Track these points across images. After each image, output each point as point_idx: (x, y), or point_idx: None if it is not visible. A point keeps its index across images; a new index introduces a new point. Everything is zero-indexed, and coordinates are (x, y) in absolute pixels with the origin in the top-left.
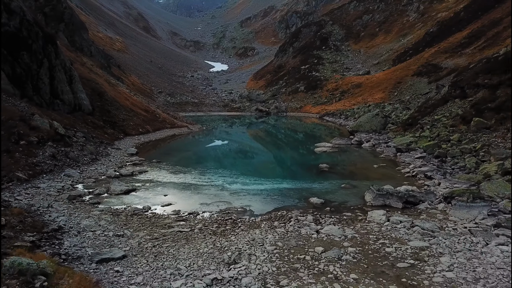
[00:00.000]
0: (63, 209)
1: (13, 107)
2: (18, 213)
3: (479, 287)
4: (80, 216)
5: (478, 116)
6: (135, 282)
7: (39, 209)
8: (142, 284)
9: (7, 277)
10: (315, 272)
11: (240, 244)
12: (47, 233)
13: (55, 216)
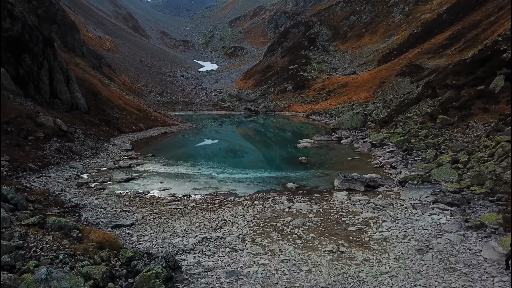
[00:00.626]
0: (75, 192)
1: (20, 106)
2: (41, 193)
3: (405, 241)
4: (91, 197)
5: (443, 114)
6: (143, 240)
7: (55, 192)
8: (148, 241)
9: (51, 231)
10: (283, 233)
11: (225, 216)
12: (68, 208)
13: (70, 197)
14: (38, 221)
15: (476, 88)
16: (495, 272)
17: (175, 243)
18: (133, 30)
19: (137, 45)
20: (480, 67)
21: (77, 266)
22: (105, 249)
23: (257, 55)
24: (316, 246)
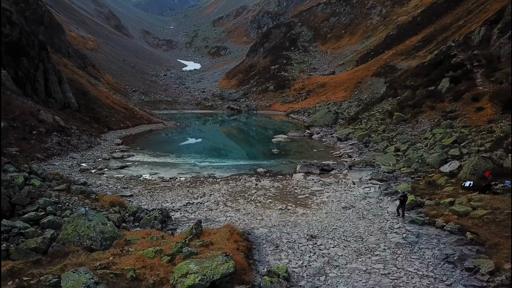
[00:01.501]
0: (80, 176)
1: (23, 104)
2: (55, 174)
3: (336, 203)
4: (94, 179)
5: (400, 111)
6: (141, 204)
7: (63, 175)
8: (146, 205)
9: (75, 194)
10: (248, 200)
11: (205, 190)
12: (78, 184)
13: (77, 178)
14: (66, 187)
15: (428, 88)
16: (390, 218)
17: (166, 206)
18: (116, 29)
19: (120, 45)
20: (434, 70)
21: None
22: (115, 206)
23: (240, 55)
24: (271, 206)
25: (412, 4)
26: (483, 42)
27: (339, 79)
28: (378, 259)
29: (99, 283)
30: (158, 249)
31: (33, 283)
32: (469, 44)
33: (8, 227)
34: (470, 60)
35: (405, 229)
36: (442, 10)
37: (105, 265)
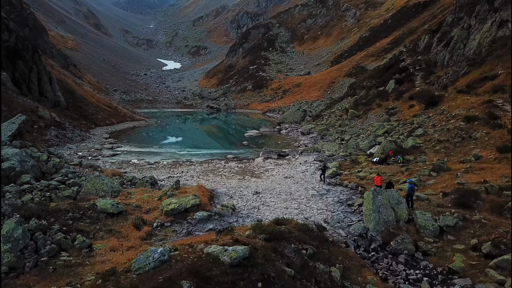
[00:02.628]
0: (80, 160)
1: (24, 102)
2: (60, 156)
3: (281, 175)
4: (92, 162)
5: (354, 109)
6: (134, 174)
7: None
8: (137, 174)
9: (86, 167)
10: (216, 174)
11: (183, 169)
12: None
13: (79, 161)
14: (78, 163)
15: (378, 89)
16: (315, 183)
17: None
18: (95, 28)
19: (99, 44)
20: (386, 72)
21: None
22: (116, 176)
23: (220, 54)
24: (232, 177)
25: (384, 8)
26: (426, 48)
27: (313, 79)
28: (296, 202)
29: (118, 205)
30: (150, 194)
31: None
32: (416, 50)
33: (47, 184)
34: (413, 65)
35: (322, 188)
36: (410, 14)
37: (117, 201)
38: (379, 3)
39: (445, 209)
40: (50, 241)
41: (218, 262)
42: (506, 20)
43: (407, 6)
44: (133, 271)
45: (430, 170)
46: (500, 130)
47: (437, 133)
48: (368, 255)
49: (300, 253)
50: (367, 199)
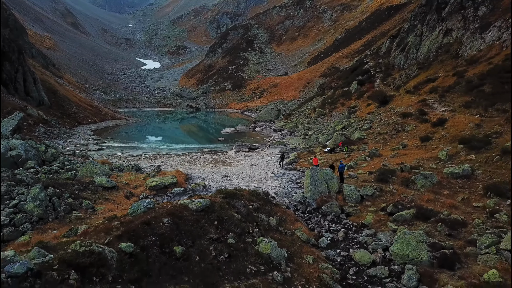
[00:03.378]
0: (69, 154)
1: (13, 101)
2: (55, 148)
3: (248, 164)
4: (84, 153)
5: (321, 108)
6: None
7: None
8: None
9: (78, 157)
10: (192, 164)
11: (163, 160)
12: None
13: (72, 152)
14: (72, 153)
15: (343, 89)
16: (275, 168)
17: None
18: (73, 27)
19: (77, 43)
20: (351, 74)
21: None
22: (105, 164)
23: (200, 54)
24: (206, 166)
25: (359, 10)
26: (387, 52)
27: (290, 80)
28: (256, 182)
29: (112, 181)
30: (136, 176)
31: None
32: (379, 54)
33: (49, 168)
34: (375, 67)
35: (279, 172)
36: (383, 17)
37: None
38: (354, 6)
39: (368, 183)
40: (63, 203)
41: (187, 209)
42: (451, 29)
43: (380, 9)
44: (129, 214)
45: (366, 156)
46: (425, 124)
47: (379, 127)
48: (303, 215)
49: (247, 206)
50: (307, 175)
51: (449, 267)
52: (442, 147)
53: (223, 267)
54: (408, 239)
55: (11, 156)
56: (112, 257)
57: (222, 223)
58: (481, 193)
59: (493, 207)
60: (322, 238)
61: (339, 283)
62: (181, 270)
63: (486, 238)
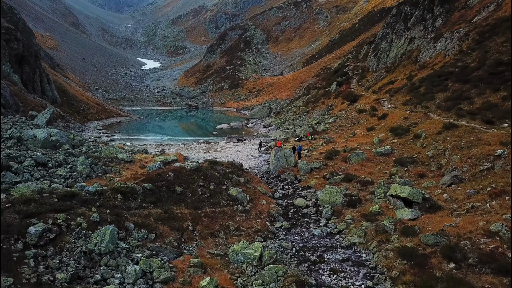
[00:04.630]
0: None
1: (35, 100)
2: (80, 136)
3: (235, 150)
4: (103, 140)
5: (305, 106)
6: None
7: None
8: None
9: (99, 143)
10: (189, 150)
11: (166, 148)
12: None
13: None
14: (94, 140)
15: (325, 89)
16: (256, 154)
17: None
18: (73, 26)
19: (78, 43)
20: (333, 76)
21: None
22: (121, 148)
23: (199, 54)
24: (200, 151)
25: (353, 12)
26: (364, 56)
27: (285, 80)
28: (237, 161)
29: (130, 156)
30: (146, 155)
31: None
32: (358, 57)
33: (80, 150)
34: (353, 70)
35: (257, 155)
36: (376, 19)
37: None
38: (349, 8)
39: (317, 160)
40: (99, 169)
41: (184, 168)
42: (414, 37)
43: (373, 12)
44: (147, 170)
45: (323, 142)
46: (374, 118)
47: (341, 121)
48: (267, 180)
49: (224, 170)
50: (272, 153)
51: (353, 206)
52: (378, 135)
53: (206, 200)
54: (330, 191)
55: (52, 140)
56: (139, 190)
57: (206, 177)
58: (391, 164)
59: (394, 172)
60: (276, 192)
61: (281, 216)
62: (180, 200)
63: (381, 189)
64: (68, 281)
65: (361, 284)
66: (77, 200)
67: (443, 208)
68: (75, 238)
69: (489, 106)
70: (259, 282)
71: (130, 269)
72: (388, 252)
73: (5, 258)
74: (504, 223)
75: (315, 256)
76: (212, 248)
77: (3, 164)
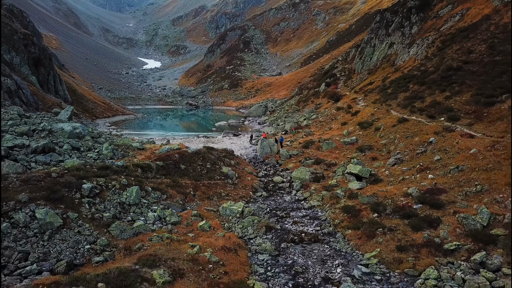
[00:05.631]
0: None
1: (51, 99)
2: (97, 129)
3: (230, 142)
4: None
5: (296, 105)
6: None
7: None
8: None
9: (113, 135)
10: (190, 142)
11: (170, 140)
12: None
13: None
14: (109, 132)
15: (315, 89)
16: (247, 145)
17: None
18: (75, 26)
19: (80, 43)
20: (323, 76)
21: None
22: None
23: (199, 54)
24: (199, 144)
25: (350, 13)
26: (352, 59)
27: (283, 80)
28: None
29: (142, 144)
30: (155, 144)
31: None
32: (347, 60)
33: (101, 140)
34: (341, 71)
35: (248, 146)
36: (371, 21)
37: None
38: (346, 9)
39: (296, 148)
40: (119, 154)
41: (187, 152)
42: (393, 43)
43: (369, 13)
44: (158, 153)
45: (303, 134)
46: (348, 114)
47: (322, 117)
48: (254, 164)
49: (219, 154)
50: (259, 143)
51: (317, 181)
52: (348, 128)
53: (203, 175)
54: (301, 170)
55: (76, 132)
56: (153, 166)
57: (204, 159)
58: (354, 151)
59: (354, 156)
60: (260, 172)
61: (262, 188)
62: (183, 174)
63: (341, 169)
64: (111, 218)
65: (313, 229)
66: (110, 170)
67: (383, 181)
68: (112, 194)
69: (434, 104)
70: (240, 226)
71: (150, 214)
72: (336, 209)
73: (70, 202)
74: (417, 187)
75: (283, 213)
76: (207, 206)
77: (49, 147)
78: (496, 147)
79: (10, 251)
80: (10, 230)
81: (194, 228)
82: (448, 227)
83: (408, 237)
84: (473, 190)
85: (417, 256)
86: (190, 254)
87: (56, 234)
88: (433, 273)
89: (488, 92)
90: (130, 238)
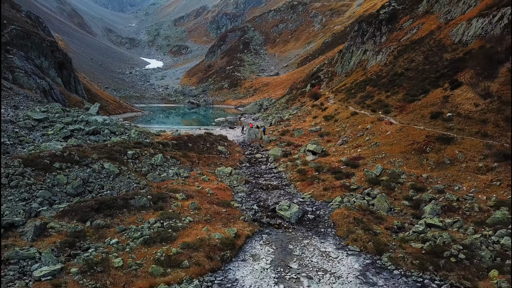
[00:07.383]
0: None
1: (75, 97)
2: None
3: (226, 132)
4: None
5: (286, 103)
6: None
7: None
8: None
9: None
10: (194, 132)
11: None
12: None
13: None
14: (129, 124)
15: (302, 89)
16: (240, 134)
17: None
18: (79, 27)
19: (84, 43)
20: (310, 78)
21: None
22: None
23: (201, 54)
24: (199, 132)
25: (346, 15)
26: (335, 63)
27: (279, 80)
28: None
29: (157, 132)
30: (166, 132)
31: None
32: (331, 63)
33: (129, 127)
34: (325, 74)
35: (240, 135)
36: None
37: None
38: (343, 11)
39: (275, 135)
40: (142, 137)
41: (193, 135)
42: (367, 50)
43: (363, 16)
44: (172, 135)
45: (283, 126)
46: (320, 110)
47: (299, 112)
48: (242, 146)
49: (216, 137)
50: (246, 130)
51: (286, 156)
52: (316, 120)
53: (205, 151)
54: (275, 149)
55: (106, 123)
56: (170, 143)
57: (205, 140)
58: (317, 136)
59: (316, 140)
60: (246, 151)
61: (246, 162)
62: (191, 149)
63: (303, 148)
64: (146, 171)
65: (276, 183)
66: (142, 145)
67: (330, 155)
68: (145, 158)
69: (378, 101)
70: (228, 180)
71: (170, 171)
72: (294, 172)
73: (121, 161)
74: (347, 156)
75: (259, 175)
76: (207, 169)
77: (97, 130)
78: (402, 130)
79: (94, 184)
80: (92, 173)
81: (198, 180)
82: (357, 177)
83: (332, 183)
84: (380, 157)
85: (333, 192)
86: (196, 189)
87: (116, 178)
88: (338, 199)
89: (413, 92)
90: (159, 182)
